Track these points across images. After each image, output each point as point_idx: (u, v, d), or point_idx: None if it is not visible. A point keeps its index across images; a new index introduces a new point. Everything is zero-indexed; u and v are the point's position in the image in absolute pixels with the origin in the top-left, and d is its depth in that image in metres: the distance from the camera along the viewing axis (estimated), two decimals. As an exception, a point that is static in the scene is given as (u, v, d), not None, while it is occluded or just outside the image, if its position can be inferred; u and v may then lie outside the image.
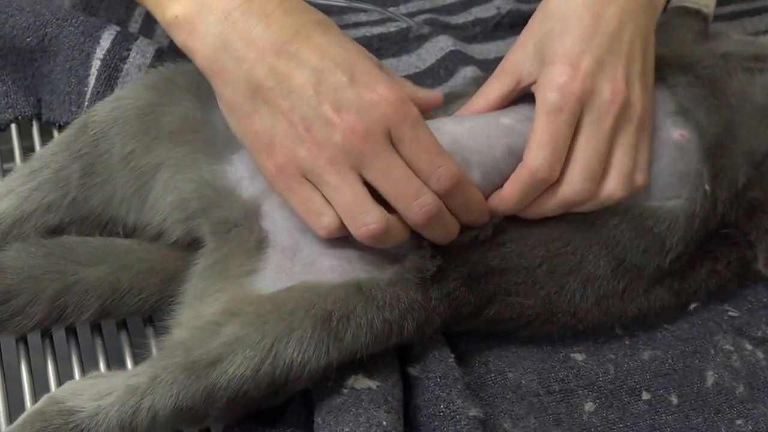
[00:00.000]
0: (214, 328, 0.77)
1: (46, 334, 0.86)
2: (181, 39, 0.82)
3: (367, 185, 0.78)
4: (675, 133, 0.89)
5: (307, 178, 0.78)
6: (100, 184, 0.87)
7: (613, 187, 0.83)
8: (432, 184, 0.78)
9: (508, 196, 0.82)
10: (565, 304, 0.85)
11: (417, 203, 0.77)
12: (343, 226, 0.78)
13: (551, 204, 0.83)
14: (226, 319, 0.77)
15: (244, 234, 0.82)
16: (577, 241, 0.85)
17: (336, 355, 0.76)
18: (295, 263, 0.80)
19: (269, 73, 0.78)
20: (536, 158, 0.80)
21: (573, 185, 0.82)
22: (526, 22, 0.89)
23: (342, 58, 0.78)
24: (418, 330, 0.81)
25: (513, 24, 1.15)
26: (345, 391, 0.78)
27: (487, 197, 0.83)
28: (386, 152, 0.77)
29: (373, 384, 0.78)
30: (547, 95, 0.82)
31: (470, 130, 0.84)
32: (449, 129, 0.84)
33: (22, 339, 0.86)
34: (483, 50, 1.13)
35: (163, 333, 0.82)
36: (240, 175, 0.85)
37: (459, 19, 1.16)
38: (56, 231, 0.88)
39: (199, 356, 0.75)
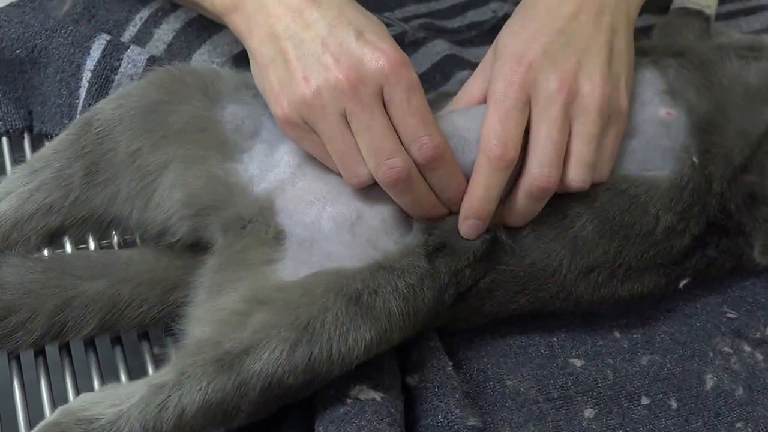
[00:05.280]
0: (241, 318, 0.77)
1: (64, 347, 0.86)
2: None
3: None
4: (662, 110, 0.90)
5: (309, 126, 0.81)
6: (103, 184, 0.86)
7: (571, 175, 0.83)
8: (413, 151, 0.79)
9: (473, 187, 0.82)
10: (552, 268, 0.85)
11: (387, 162, 0.79)
12: None
13: (520, 197, 0.83)
14: (253, 308, 0.77)
15: (261, 229, 0.83)
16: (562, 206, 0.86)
17: (372, 330, 0.76)
18: (313, 254, 0.81)
19: (289, 25, 0.82)
20: (488, 142, 0.81)
21: (530, 171, 0.82)
22: None
23: (356, 19, 0.81)
24: (435, 304, 0.81)
25: None
26: (348, 401, 0.77)
27: None
28: (372, 105, 0.79)
29: (377, 395, 0.78)
30: (493, 87, 0.84)
31: (468, 114, 0.86)
32: (446, 117, 0.85)
33: (41, 353, 0.86)
34: (479, 54, 1.09)
35: (181, 340, 0.82)
36: (251, 173, 0.85)
37: (454, 23, 1.16)
38: (57, 233, 0.87)
39: (230, 347, 0.74)
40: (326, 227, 0.82)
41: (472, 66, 1.07)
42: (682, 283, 0.90)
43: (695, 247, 0.89)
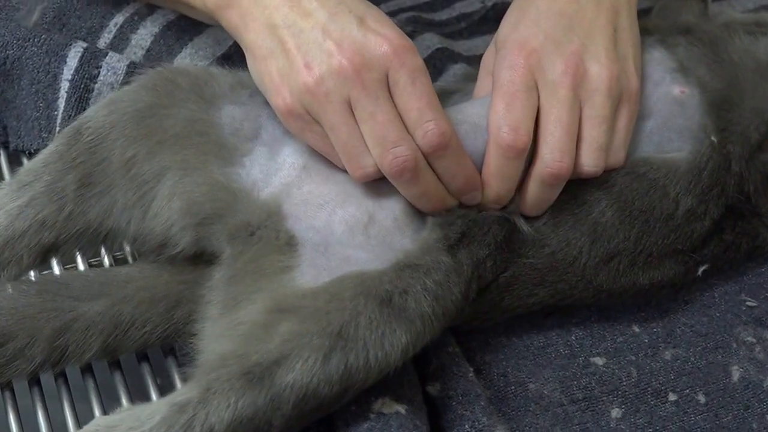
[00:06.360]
0: (265, 329, 0.73)
1: (60, 373, 0.82)
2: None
3: None
4: (675, 89, 0.88)
5: (312, 117, 0.79)
6: (98, 195, 0.83)
7: (583, 160, 0.82)
8: (418, 138, 0.77)
9: (488, 178, 0.81)
10: (571, 257, 0.84)
11: (393, 151, 0.76)
12: None
13: (533, 185, 0.82)
14: (276, 317, 0.74)
15: (270, 235, 0.80)
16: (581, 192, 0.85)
17: (407, 332, 0.74)
18: (330, 259, 0.78)
19: (287, 15, 0.80)
20: (498, 129, 0.80)
21: (542, 158, 0.81)
22: None
23: (357, 7, 0.80)
24: (462, 300, 0.78)
25: (499, 17, 1.08)
26: (372, 416, 0.74)
27: None
28: (377, 92, 0.77)
29: (401, 408, 0.75)
30: (497, 75, 0.83)
31: (477, 102, 0.85)
32: (455, 106, 0.85)
33: (36, 380, 0.82)
34: (470, 46, 1.10)
35: (187, 362, 0.78)
36: (254, 178, 0.82)
37: (442, 15, 1.13)
38: (50, 250, 0.84)
39: (258, 360, 0.71)
40: (338, 231, 0.80)
41: (464, 59, 1.06)
42: (701, 269, 0.88)
43: (713, 231, 0.87)
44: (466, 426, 0.77)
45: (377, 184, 0.80)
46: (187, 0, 0.88)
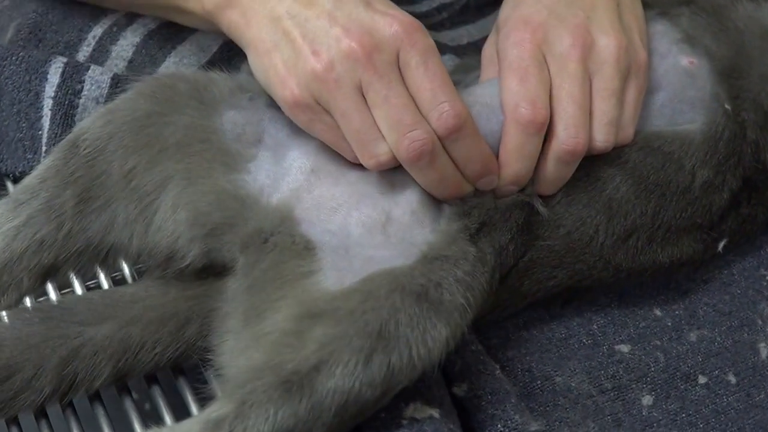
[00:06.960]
0: (297, 337, 0.71)
1: (68, 405, 0.79)
2: None
3: None
4: (683, 60, 0.87)
5: (322, 106, 0.77)
6: (98, 211, 0.80)
7: (593, 135, 0.81)
8: (432, 120, 0.75)
9: (507, 158, 0.79)
10: (588, 236, 0.82)
11: (409, 135, 0.74)
12: None
13: (549, 163, 0.80)
14: (308, 323, 0.72)
15: (286, 240, 0.77)
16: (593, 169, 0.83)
17: (447, 325, 0.71)
18: (353, 261, 0.76)
19: (291, 6, 0.78)
20: (515, 106, 0.78)
21: (557, 135, 0.79)
22: (493, 2, 0.89)
23: None
24: (488, 289, 0.77)
25: (480, 5, 1.09)
26: (404, 422, 0.73)
27: None
28: (389, 74, 0.75)
29: (434, 412, 0.73)
30: (503, 54, 0.81)
31: (487, 84, 0.84)
32: (465, 90, 0.83)
33: (43, 414, 0.79)
34: (454, 36, 1.07)
35: (200, 381, 0.77)
36: (261, 183, 0.80)
37: (422, 6, 1.10)
38: (50, 270, 0.81)
39: (294, 368, 0.69)
40: (356, 233, 0.77)
41: (451, 49, 1.04)
42: (721, 244, 0.87)
43: (730, 206, 0.86)
44: (499, 426, 0.75)
45: (390, 179, 0.79)
46: (180, 5, 0.86)
